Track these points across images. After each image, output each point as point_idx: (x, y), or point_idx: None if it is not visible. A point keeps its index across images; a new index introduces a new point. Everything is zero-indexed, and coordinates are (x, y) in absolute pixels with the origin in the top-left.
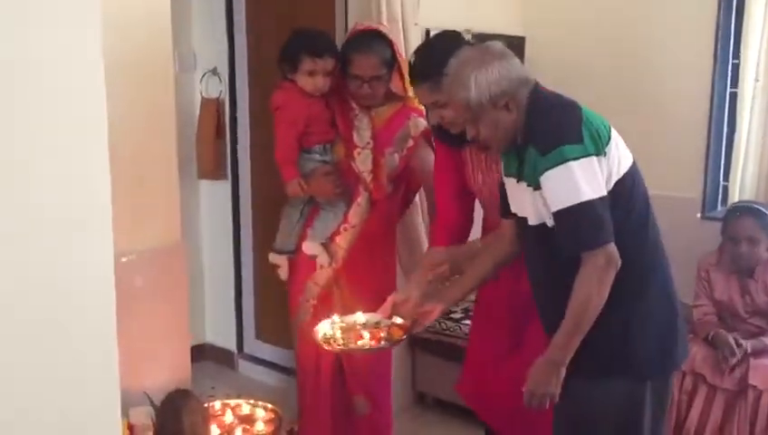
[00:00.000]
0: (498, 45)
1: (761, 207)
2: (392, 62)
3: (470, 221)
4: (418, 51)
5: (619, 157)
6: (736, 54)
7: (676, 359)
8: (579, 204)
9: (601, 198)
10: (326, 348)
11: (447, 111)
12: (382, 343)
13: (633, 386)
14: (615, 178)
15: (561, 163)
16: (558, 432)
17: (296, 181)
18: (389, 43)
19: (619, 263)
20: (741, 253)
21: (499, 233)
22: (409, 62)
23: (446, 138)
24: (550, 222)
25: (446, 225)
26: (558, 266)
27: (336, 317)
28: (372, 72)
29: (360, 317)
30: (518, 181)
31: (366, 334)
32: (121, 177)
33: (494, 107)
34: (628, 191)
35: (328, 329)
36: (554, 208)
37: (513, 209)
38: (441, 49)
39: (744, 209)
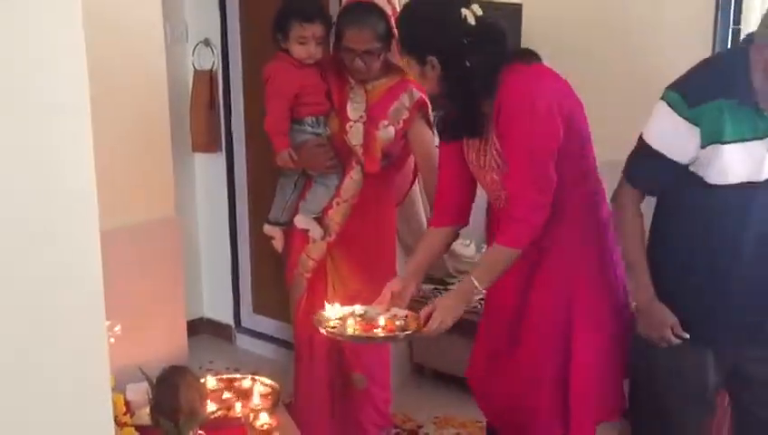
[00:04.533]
0: None
1: None
2: (387, 35)
3: (470, 200)
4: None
5: None
6: (737, 20)
7: None
8: None
9: None
10: (327, 335)
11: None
12: (397, 333)
13: None
14: None
15: None
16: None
17: (286, 152)
18: (384, 16)
19: None
20: None
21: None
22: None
23: (446, 129)
24: None
25: (444, 204)
26: None
27: (338, 307)
28: (365, 46)
29: (357, 309)
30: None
31: (381, 321)
32: (114, 151)
33: None
34: None
35: (333, 316)
36: None
37: (747, 177)
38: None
39: None
